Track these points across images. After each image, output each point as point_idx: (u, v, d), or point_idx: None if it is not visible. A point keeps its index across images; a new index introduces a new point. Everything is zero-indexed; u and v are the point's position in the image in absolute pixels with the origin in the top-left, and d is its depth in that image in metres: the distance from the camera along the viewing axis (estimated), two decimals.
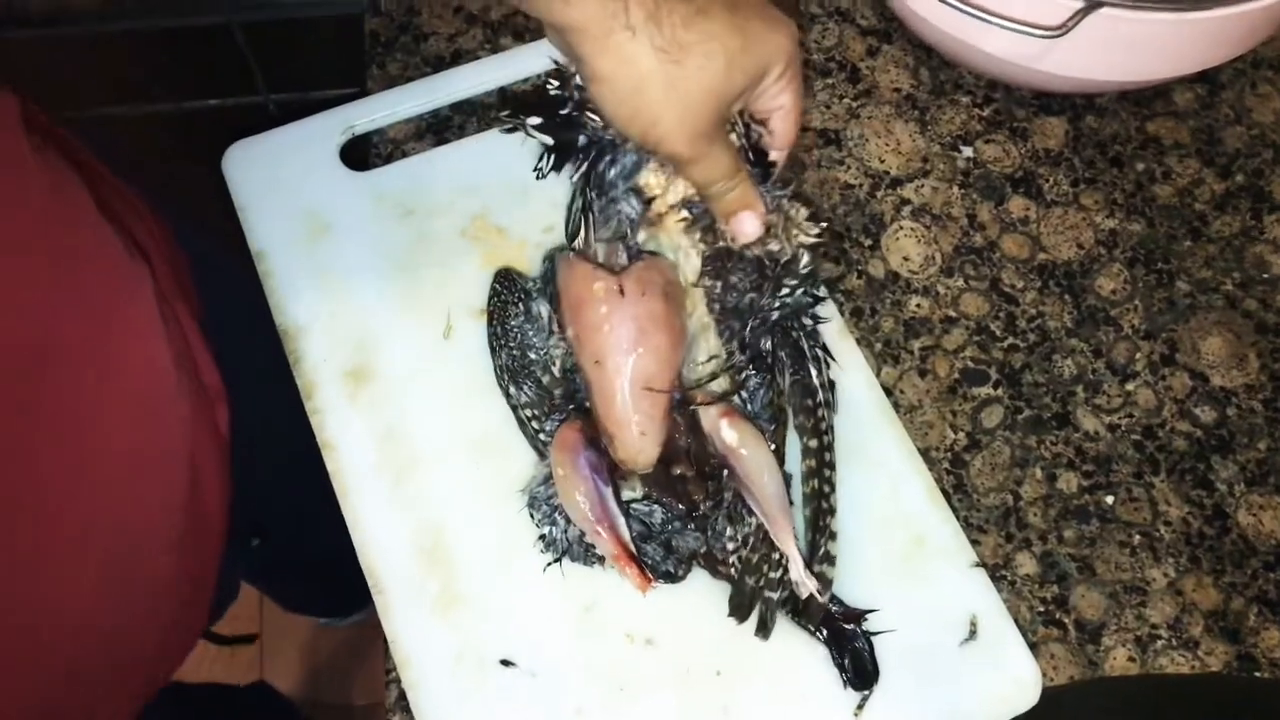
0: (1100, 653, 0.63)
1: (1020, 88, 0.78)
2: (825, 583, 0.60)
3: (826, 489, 0.62)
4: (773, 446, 0.61)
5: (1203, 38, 0.68)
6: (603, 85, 0.51)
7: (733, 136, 0.58)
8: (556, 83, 0.58)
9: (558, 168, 0.61)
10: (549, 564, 0.61)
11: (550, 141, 0.59)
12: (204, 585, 0.65)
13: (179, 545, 0.60)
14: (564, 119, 0.58)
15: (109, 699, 0.60)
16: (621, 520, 0.59)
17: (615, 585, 0.60)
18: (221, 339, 0.65)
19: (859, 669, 0.60)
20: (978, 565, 0.63)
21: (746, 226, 0.58)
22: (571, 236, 0.63)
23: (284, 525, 0.82)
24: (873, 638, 0.60)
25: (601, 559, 0.61)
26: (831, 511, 0.62)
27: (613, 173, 0.60)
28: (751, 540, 0.60)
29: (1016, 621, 0.63)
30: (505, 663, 0.60)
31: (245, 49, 0.95)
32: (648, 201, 0.61)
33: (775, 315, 0.61)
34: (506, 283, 0.66)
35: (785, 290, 0.61)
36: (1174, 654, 0.63)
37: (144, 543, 0.57)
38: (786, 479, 0.61)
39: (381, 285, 0.69)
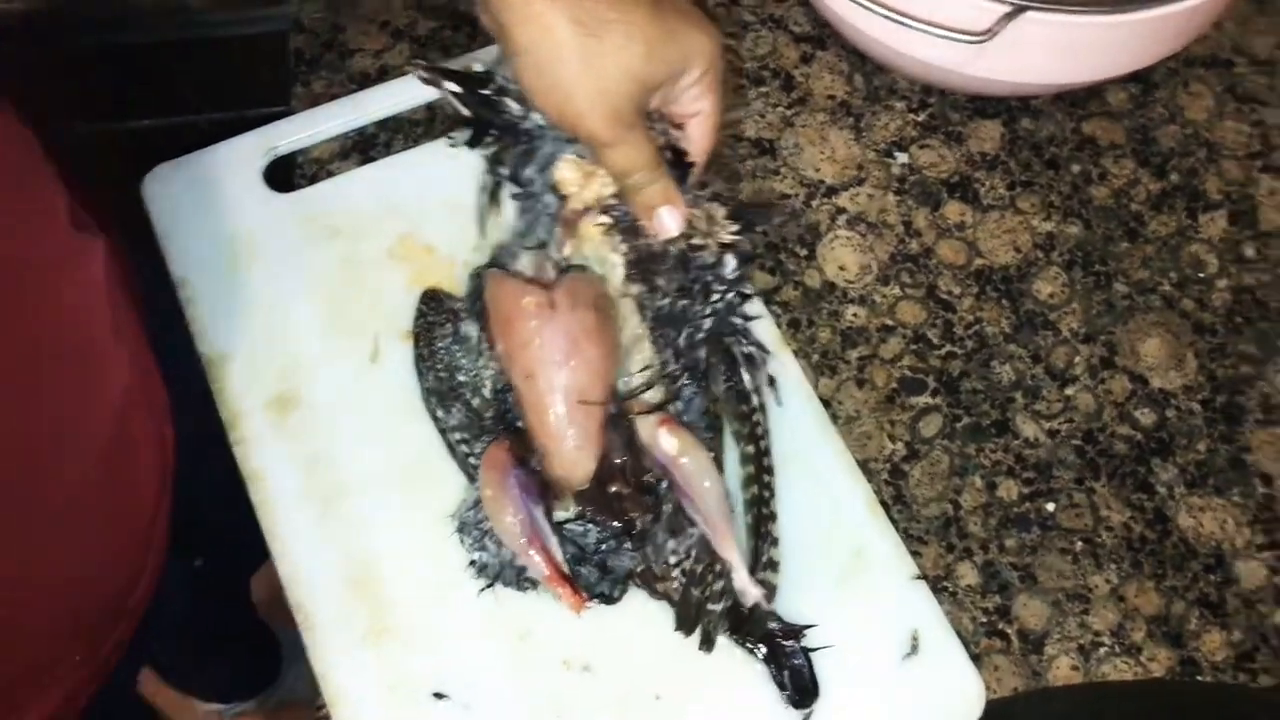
0: (1044, 662, 0.63)
1: (954, 92, 0.78)
2: (770, 589, 0.59)
3: (766, 494, 0.61)
4: (711, 454, 0.60)
5: (1129, 39, 0.67)
6: (523, 57, 0.51)
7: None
8: (482, 66, 0.58)
9: (472, 143, 0.60)
10: (481, 590, 0.60)
11: (465, 113, 0.59)
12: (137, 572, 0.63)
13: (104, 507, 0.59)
14: (483, 98, 0.58)
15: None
16: (554, 540, 0.57)
17: (550, 612, 0.59)
18: (168, 360, 0.64)
19: (799, 686, 0.59)
20: (919, 578, 0.62)
21: (667, 221, 0.57)
22: (480, 221, 0.62)
23: (219, 552, 0.81)
24: (812, 653, 0.59)
25: (535, 583, 0.59)
26: (772, 517, 0.61)
27: (529, 168, 0.59)
28: (694, 551, 0.59)
29: (959, 633, 0.62)
30: (438, 695, 0.59)
31: (174, 68, 0.93)
32: (563, 198, 0.60)
33: (708, 323, 0.60)
34: (432, 303, 0.65)
35: (715, 295, 0.60)
36: (1117, 661, 0.63)
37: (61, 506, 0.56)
38: (725, 489, 0.60)
39: (306, 309, 0.67)
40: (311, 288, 0.68)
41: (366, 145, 0.74)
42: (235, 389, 0.65)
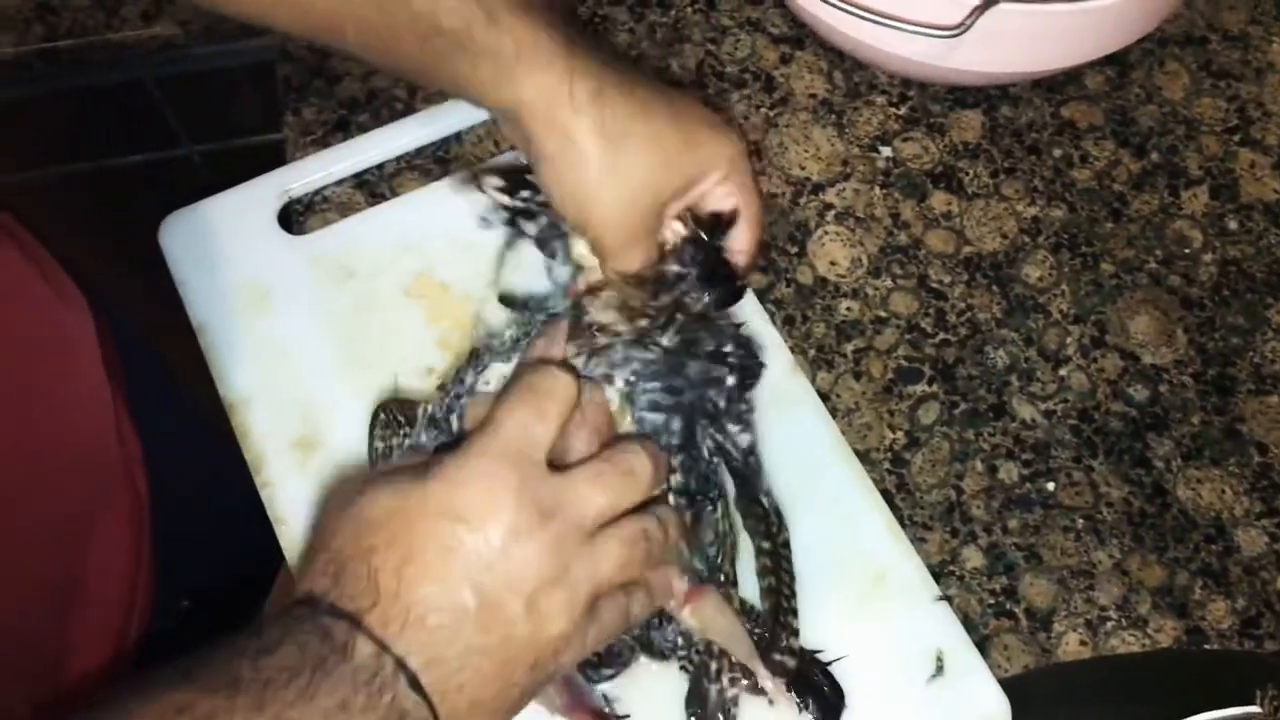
0: (1052, 640, 0.64)
1: (934, 84, 0.79)
2: (788, 671, 0.59)
3: (785, 588, 0.60)
4: (725, 570, 0.59)
5: (1101, 23, 0.69)
6: (546, 163, 0.53)
7: (677, 225, 0.59)
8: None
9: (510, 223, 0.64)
10: None
11: (508, 202, 0.62)
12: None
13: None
14: (524, 197, 0.62)
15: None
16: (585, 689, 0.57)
17: None
18: (140, 406, 0.65)
19: (822, 704, 0.59)
20: (940, 599, 0.62)
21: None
22: (497, 266, 0.64)
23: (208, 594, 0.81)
24: (829, 667, 0.60)
25: None
26: (793, 612, 0.60)
27: (554, 239, 0.62)
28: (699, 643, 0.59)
29: (967, 615, 0.63)
30: None
31: (162, 103, 0.94)
32: (579, 270, 0.61)
33: (709, 442, 0.60)
34: (387, 419, 0.63)
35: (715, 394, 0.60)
36: (1124, 634, 0.64)
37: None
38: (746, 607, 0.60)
39: (325, 350, 0.68)
40: (329, 329, 0.68)
41: (375, 183, 0.74)
42: (258, 432, 0.65)
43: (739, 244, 0.60)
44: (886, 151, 0.77)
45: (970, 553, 0.66)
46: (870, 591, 0.63)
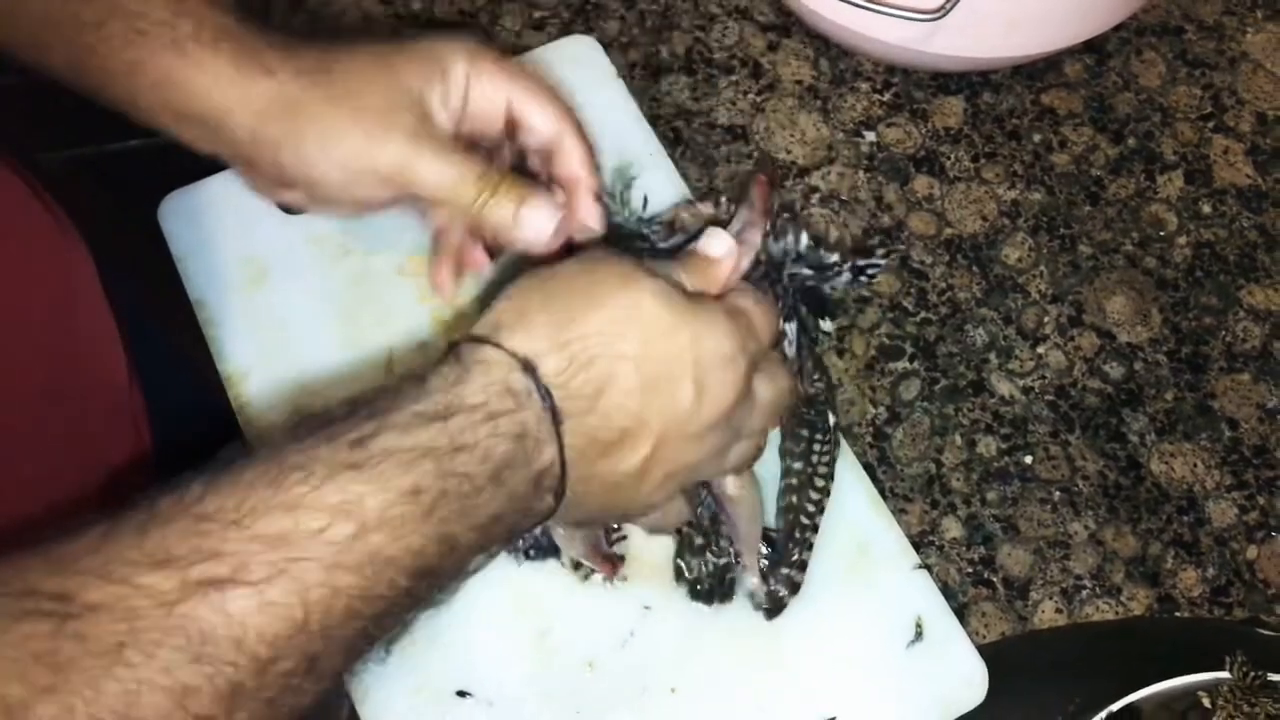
0: (1029, 607, 0.66)
1: (917, 70, 0.81)
2: (794, 586, 0.60)
3: (809, 510, 0.61)
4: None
5: (1078, 9, 0.71)
6: (285, 149, 0.50)
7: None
8: None
9: None
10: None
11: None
12: None
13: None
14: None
15: None
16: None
17: (568, 610, 0.61)
18: (145, 377, 0.66)
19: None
20: (920, 567, 0.64)
21: (533, 220, 0.51)
22: None
23: None
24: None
25: (542, 554, 0.62)
26: (813, 528, 0.61)
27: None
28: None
29: (946, 584, 0.65)
30: (461, 694, 0.61)
31: None
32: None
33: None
34: None
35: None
36: (1099, 602, 0.66)
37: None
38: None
39: (321, 326, 0.70)
40: (325, 305, 0.70)
41: None
42: (256, 405, 0.67)
43: (565, 155, 0.53)
44: (870, 136, 0.79)
45: (950, 523, 0.68)
46: (854, 561, 0.64)
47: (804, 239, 0.58)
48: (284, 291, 0.70)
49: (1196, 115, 0.80)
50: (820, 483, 0.63)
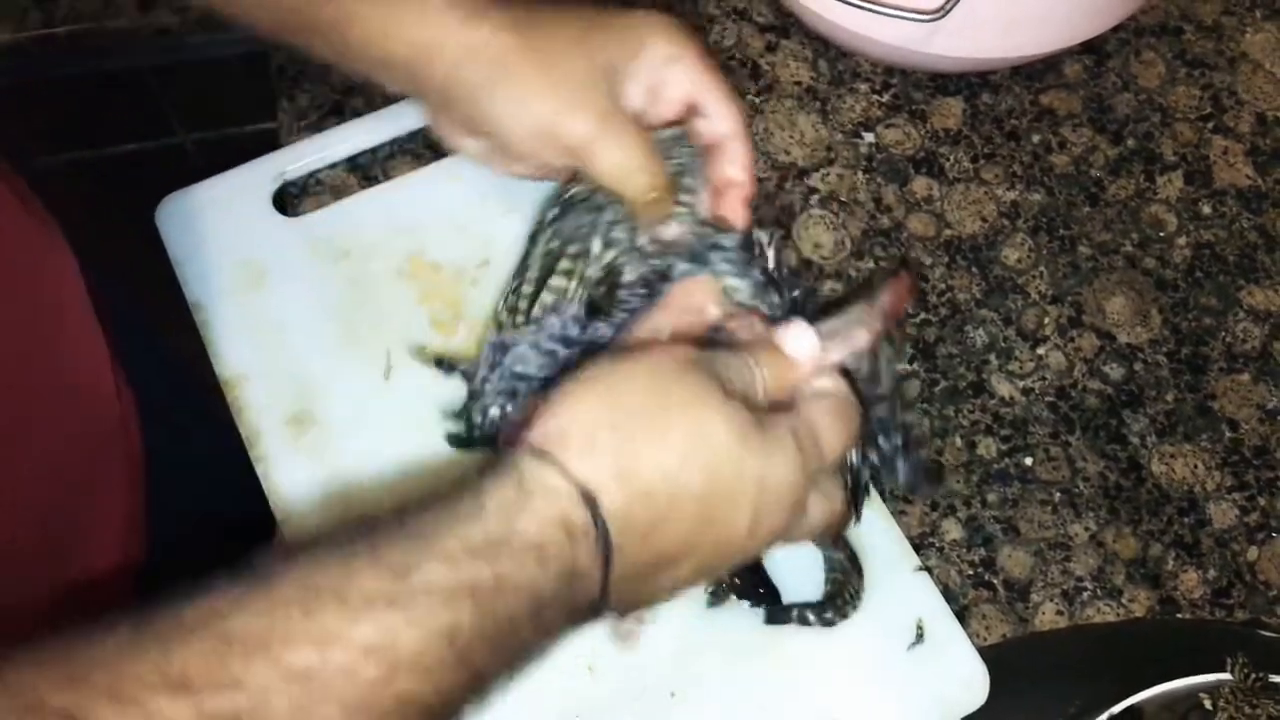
0: (1030, 609, 0.66)
1: (915, 71, 0.81)
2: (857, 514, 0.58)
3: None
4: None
5: (1077, 9, 0.70)
6: (484, 96, 0.51)
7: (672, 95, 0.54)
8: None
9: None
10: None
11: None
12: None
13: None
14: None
15: None
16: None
17: None
18: (138, 377, 0.66)
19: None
20: (921, 570, 0.64)
21: (665, 233, 0.55)
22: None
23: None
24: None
25: None
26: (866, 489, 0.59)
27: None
28: None
29: (946, 586, 0.65)
30: None
31: (158, 91, 0.95)
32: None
33: None
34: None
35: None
36: (1099, 604, 0.66)
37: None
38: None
39: (319, 329, 0.69)
40: (323, 308, 0.70)
41: (369, 165, 0.76)
42: (253, 408, 0.67)
43: (721, 123, 0.54)
44: (869, 137, 0.79)
45: (950, 525, 0.67)
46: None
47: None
48: (282, 294, 0.70)
49: (1196, 116, 0.80)
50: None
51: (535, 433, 0.41)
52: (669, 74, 0.54)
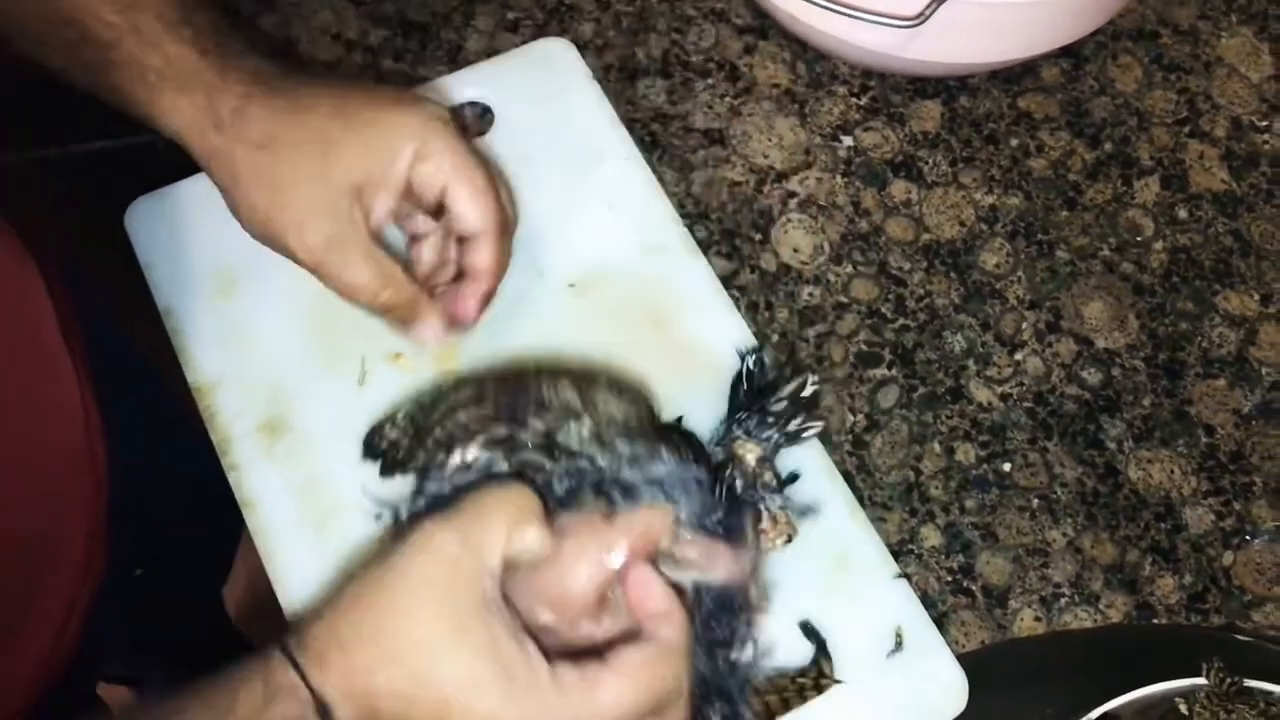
0: (1008, 616, 0.66)
1: (894, 75, 0.80)
2: None
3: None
4: None
5: (1055, 16, 0.70)
6: (226, 197, 0.52)
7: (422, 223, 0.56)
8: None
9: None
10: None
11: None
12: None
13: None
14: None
15: None
16: None
17: None
18: (105, 387, 0.64)
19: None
20: (900, 577, 0.64)
21: (425, 333, 0.56)
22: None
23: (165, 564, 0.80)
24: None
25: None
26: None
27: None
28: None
29: (925, 593, 0.65)
30: None
31: None
32: None
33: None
34: None
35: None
36: (1077, 610, 0.66)
37: None
38: None
39: (292, 334, 0.68)
40: (296, 314, 0.68)
41: None
42: (225, 415, 0.65)
43: (468, 221, 0.54)
44: (848, 141, 0.78)
45: (928, 532, 0.67)
46: (833, 571, 0.64)
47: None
48: (254, 299, 0.69)
49: (1172, 120, 0.81)
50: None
51: (295, 634, 0.43)
52: (420, 173, 0.53)
